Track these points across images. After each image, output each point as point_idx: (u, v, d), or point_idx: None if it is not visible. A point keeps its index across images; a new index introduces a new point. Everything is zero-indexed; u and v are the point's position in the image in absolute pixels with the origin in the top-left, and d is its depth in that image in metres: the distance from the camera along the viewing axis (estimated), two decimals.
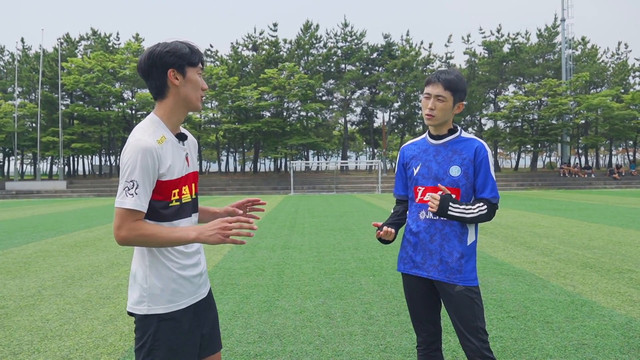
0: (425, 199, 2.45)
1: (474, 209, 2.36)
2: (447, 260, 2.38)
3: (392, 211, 2.71)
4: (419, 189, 2.49)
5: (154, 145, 1.83)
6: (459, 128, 2.53)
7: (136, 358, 1.90)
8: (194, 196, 2.04)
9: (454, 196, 2.38)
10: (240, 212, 2.19)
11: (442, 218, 2.39)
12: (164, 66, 1.89)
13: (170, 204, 1.91)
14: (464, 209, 2.35)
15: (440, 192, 2.38)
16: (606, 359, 3.47)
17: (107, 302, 5.20)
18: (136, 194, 1.79)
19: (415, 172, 2.51)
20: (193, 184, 2.04)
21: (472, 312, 2.33)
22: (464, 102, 2.51)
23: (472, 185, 2.43)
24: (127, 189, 1.79)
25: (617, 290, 5.37)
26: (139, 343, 1.89)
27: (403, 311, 4.67)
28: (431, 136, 2.55)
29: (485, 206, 2.37)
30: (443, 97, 2.40)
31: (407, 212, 2.61)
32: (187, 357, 1.96)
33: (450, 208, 2.34)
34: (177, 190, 1.93)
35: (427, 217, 2.44)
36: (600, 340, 3.84)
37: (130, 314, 1.94)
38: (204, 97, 2.02)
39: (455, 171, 2.41)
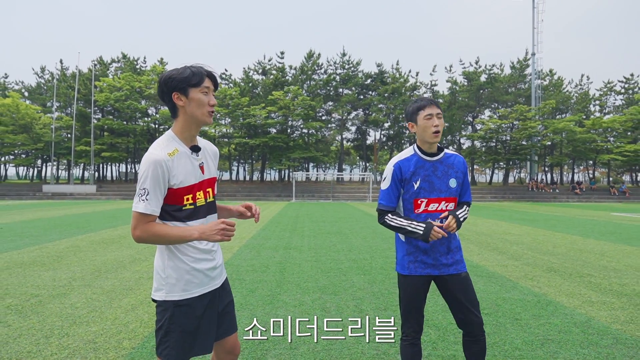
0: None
1: (464, 211, 2.52)
2: (453, 256, 2.52)
3: (390, 217, 2.48)
4: (421, 201, 2.45)
5: (164, 157, 1.86)
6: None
7: (156, 338, 1.97)
8: (209, 200, 2.03)
9: (452, 207, 2.51)
10: (249, 214, 2.18)
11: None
12: (169, 90, 1.93)
13: (184, 207, 1.92)
14: (460, 212, 2.49)
15: (445, 214, 2.47)
16: (568, 353, 3.45)
17: (129, 293, 5.17)
18: (147, 199, 1.83)
19: (416, 186, 2.45)
20: (209, 189, 2.03)
21: (474, 291, 2.54)
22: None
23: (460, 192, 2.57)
24: (140, 195, 1.84)
25: (578, 292, 5.36)
26: (158, 325, 1.95)
27: (390, 306, 4.65)
28: (424, 153, 2.48)
29: (468, 207, 2.57)
30: (441, 115, 2.45)
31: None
32: (200, 338, 1.98)
33: (459, 218, 2.46)
34: (191, 195, 1.93)
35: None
36: (563, 336, 3.82)
37: (153, 300, 1.99)
38: (213, 112, 1.99)
39: (453, 183, 2.50)
